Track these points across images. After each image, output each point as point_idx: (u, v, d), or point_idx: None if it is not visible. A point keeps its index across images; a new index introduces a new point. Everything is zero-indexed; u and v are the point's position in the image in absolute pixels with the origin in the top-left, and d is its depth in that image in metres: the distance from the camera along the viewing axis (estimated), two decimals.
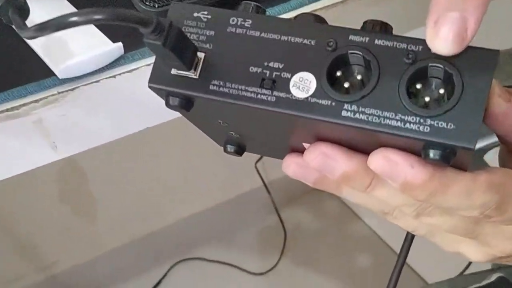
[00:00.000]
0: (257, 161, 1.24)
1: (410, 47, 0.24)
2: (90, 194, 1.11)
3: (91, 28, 0.37)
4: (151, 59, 0.37)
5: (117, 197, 1.14)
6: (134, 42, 0.37)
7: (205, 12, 0.26)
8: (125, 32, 0.37)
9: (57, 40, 0.34)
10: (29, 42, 0.36)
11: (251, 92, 0.25)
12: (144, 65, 0.37)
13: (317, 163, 0.27)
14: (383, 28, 0.25)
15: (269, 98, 0.25)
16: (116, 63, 0.36)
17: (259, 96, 0.25)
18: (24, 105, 0.34)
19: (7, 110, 0.34)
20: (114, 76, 0.36)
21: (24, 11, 0.30)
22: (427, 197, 0.26)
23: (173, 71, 0.25)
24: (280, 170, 0.29)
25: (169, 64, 0.25)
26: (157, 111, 0.38)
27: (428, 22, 0.24)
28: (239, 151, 0.31)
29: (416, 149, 0.24)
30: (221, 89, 0.25)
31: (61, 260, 1.15)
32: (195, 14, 0.26)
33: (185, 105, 0.26)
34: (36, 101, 0.34)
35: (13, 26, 0.30)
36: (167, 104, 0.26)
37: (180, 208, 1.23)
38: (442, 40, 0.23)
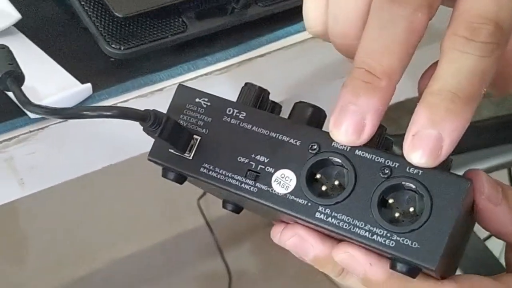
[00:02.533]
0: (200, 197, 1.28)
1: (387, 162, 0.29)
2: (20, 233, 1.14)
3: (60, 69, 0.43)
4: (117, 99, 0.44)
5: (48, 238, 1.17)
6: (102, 82, 0.43)
7: (206, 99, 0.32)
8: (93, 72, 0.44)
9: (28, 81, 0.40)
10: None
11: (236, 180, 0.30)
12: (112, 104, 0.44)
13: (292, 243, 0.31)
14: (382, 139, 0.30)
15: (251, 188, 0.30)
16: (84, 103, 0.42)
17: (242, 185, 0.30)
18: None
19: None
20: None
21: (20, 81, 0.36)
22: None
23: (171, 150, 0.32)
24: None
25: (167, 144, 0.31)
26: (121, 149, 0.44)
27: (407, 135, 0.27)
28: (237, 210, 0.35)
29: (382, 254, 0.29)
30: (210, 172, 0.31)
31: None
32: (197, 100, 0.32)
33: (179, 179, 0.32)
34: (9, 139, 0.40)
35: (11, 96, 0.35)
36: (164, 176, 0.32)
37: (113, 250, 1.26)
38: (417, 154, 0.27)
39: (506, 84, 0.32)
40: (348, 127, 0.28)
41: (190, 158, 0.31)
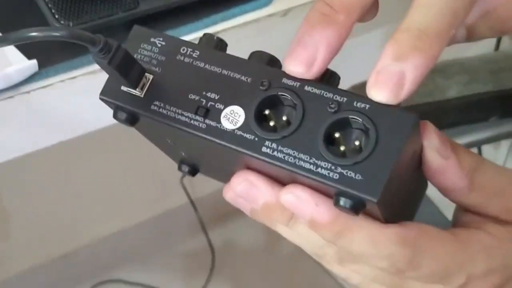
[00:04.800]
0: (183, 176, 1.29)
1: (336, 97, 0.28)
2: (3, 210, 1.14)
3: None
4: (65, 76, 0.44)
5: (32, 214, 1.17)
6: (49, 59, 0.43)
7: (161, 39, 0.32)
8: (40, 49, 0.44)
9: None
10: None
11: (185, 116, 0.30)
12: (58, 81, 0.43)
13: (241, 189, 0.31)
14: (329, 77, 0.30)
15: (200, 125, 0.30)
16: (30, 79, 0.42)
17: (192, 121, 0.30)
18: None
19: None
20: (28, 92, 0.42)
21: None
22: (333, 238, 0.29)
23: (123, 88, 0.31)
24: (208, 186, 0.35)
25: (119, 81, 0.31)
26: (70, 126, 0.44)
27: (372, 71, 0.27)
28: (193, 172, 0.35)
29: (330, 195, 0.28)
30: (160, 110, 0.30)
31: None
32: (152, 39, 0.32)
33: (130, 120, 0.31)
34: None
35: None
36: (115, 117, 0.32)
37: (98, 227, 1.27)
38: (379, 89, 0.27)
39: (502, 25, 0.31)
40: (300, 58, 0.28)
41: (142, 96, 0.31)
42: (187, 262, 1.35)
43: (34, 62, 0.42)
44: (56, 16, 0.44)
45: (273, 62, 0.31)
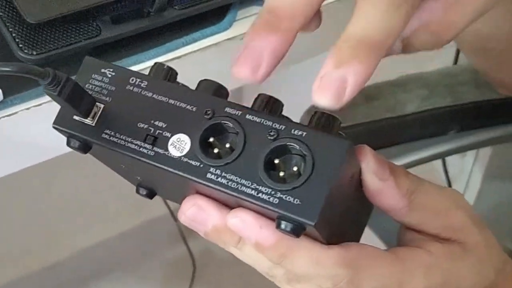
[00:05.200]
0: None
1: (275, 125, 0.30)
2: None
3: None
4: (30, 103, 0.45)
5: (14, 228, 1.18)
6: (13, 87, 0.44)
7: (111, 69, 0.33)
8: (5, 78, 0.45)
9: None
10: None
11: (135, 144, 0.32)
12: (24, 109, 0.45)
13: (191, 213, 0.32)
14: (272, 104, 0.32)
15: (149, 152, 0.31)
16: None
17: (141, 149, 0.31)
18: None
19: None
20: None
21: None
22: (278, 259, 0.31)
23: (75, 117, 0.32)
24: None
25: (71, 110, 0.32)
26: (33, 154, 0.46)
27: (316, 78, 0.28)
28: (150, 195, 0.36)
29: (274, 218, 0.30)
30: (111, 138, 0.32)
31: None
32: (102, 70, 0.33)
33: (83, 148, 0.33)
34: None
35: None
36: (68, 145, 0.33)
37: (79, 238, 1.28)
38: (322, 95, 0.28)
39: (436, 39, 0.33)
40: (246, 62, 0.29)
41: (93, 124, 0.32)
42: (168, 271, 1.36)
43: None
44: (20, 45, 0.45)
45: (220, 90, 0.33)
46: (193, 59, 0.50)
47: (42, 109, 0.45)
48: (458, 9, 0.32)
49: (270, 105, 0.32)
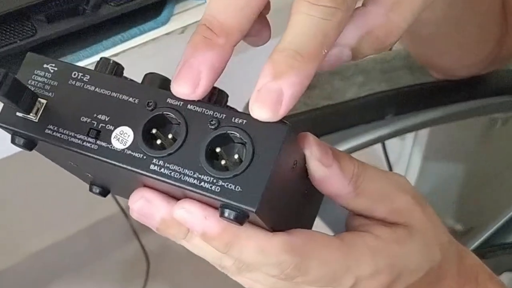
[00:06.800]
0: None
1: (216, 114, 0.30)
2: None
3: None
4: None
5: None
6: None
7: (53, 65, 0.33)
8: None
9: None
10: None
11: (78, 139, 0.31)
12: None
13: (139, 206, 0.32)
14: (218, 94, 0.32)
15: (92, 146, 0.31)
16: None
17: (84, 143, 0.31)
18: None
19: None
20: None
21: None
22: (224, 249, 0.31)
23: (18, 114, 0.32)
24: None
25: (14, 107, 0.32)
26: None
27: (254, 91, 0.29)
28: (104, 193, 0.36)
29: (217, 207, 0.30)
30: (54, 133, 0.31)
31: None
32: (44, 65, 0.33)
33: (28, 145, 0.32)
34: None
35: None
36: (13, 142, 0.33)
37: (30, 242, 1.26)
38: (259, 108, 0.28)
39: (381, 44, 0.33)
40: (185, 80, 0.30)
41: (36, 120, 0.32)
42: (123, 269, 1.35)
43: None
44: None
45: (165, 82, 0.33)
46: (132, 55, 0.50)
47: None
48: (399, 12, 0.32)
49: (215, 96, 0.32)
